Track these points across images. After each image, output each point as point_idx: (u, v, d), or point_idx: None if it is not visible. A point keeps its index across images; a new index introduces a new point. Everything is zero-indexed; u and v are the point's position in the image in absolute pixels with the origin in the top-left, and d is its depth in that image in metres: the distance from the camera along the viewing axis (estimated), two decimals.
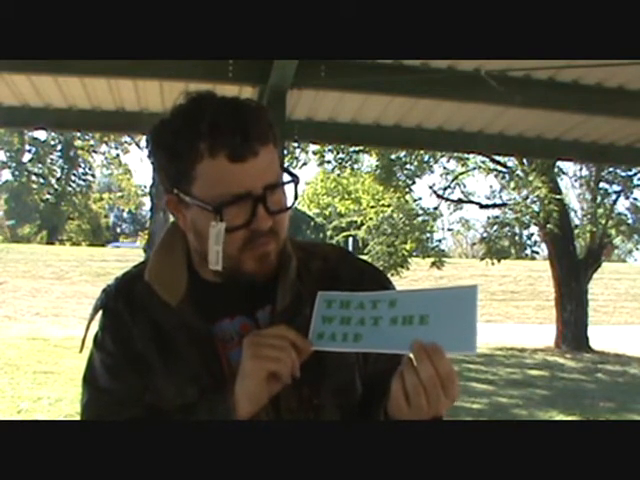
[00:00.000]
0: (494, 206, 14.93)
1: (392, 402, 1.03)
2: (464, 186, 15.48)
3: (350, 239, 19.91)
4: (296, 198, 1.13)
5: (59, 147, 30.06)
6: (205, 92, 1.10)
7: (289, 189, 1.12)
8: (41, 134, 28.32)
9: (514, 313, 21.68)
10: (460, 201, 15.60)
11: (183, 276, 1.15)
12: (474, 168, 14.66)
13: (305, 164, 14.13)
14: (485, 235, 14.01)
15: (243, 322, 1.14)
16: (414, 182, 13.79)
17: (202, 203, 1.07)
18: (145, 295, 1.14)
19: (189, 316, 1.12)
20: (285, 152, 10.28)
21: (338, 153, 13.77)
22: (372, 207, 14.57)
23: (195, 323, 1.12)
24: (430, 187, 14.78)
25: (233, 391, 1.06)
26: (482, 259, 13.74)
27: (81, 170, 31.92)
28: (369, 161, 14.50)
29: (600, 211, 14.38)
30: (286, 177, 1.12)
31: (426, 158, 13.62)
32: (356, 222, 15.91)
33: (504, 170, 14.19)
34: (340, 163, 14.10)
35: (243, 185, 1.05)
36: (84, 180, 32.44)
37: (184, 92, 1.10)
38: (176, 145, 1.07)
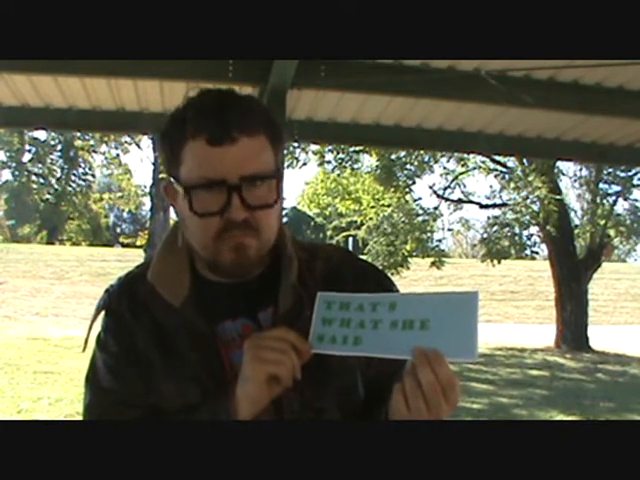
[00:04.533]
0: (494, 206, 14.93)
1: (392, 407, 1.03)
2: (464, 186, 15.50)
3: (350, 239, 19.91)
4: (279, 197, 1.10)
5: (59, 147, 30.06)
6: (215, 88, 1.11)
7: (283, 187, 1.11)
8: (41, 134, 28.38)
9: (514, 313, 21.67)
10: (460, 201, 15.60)
11: (186, 277, 1.15)
12: (474, 168, 14.66)
13: (305, 164, 14.09)
14: (485, 236, 14.01)
15: (245, 323, 1.14)
16: (414, 182, 13.80)
17: (179, 185, 1.08)
18: (148, 295, 1.14)
19: (192, 317, 1.12)
20: (285, 152, 10.28)
21: (338, 153, 13.75)
22: (372, 207, 14.57)
23: (198, 324, 1.12)
24: (430, 187, 14.79)
25: (234, 393, 1.06)
26: (482, 261, 13.75)
27: (81, 170, 31.90)
28: (369, 161, 14.50)
29: (599, 212, 14.38)
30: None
31: (426, 158, 13.61)
32: (356, 222, 15.92)
33: (504, 170, 14.18)
34: (340, 163, 14.08)
35: (218, 170, 1.04)
36: (84, 180, 32.42)
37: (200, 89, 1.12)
38: (170, 131, 1.09)
